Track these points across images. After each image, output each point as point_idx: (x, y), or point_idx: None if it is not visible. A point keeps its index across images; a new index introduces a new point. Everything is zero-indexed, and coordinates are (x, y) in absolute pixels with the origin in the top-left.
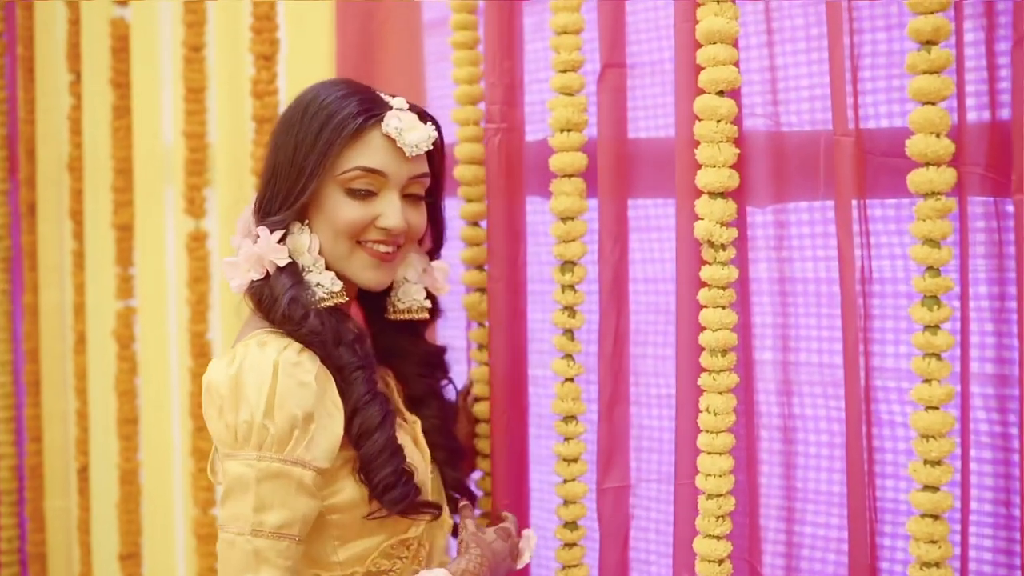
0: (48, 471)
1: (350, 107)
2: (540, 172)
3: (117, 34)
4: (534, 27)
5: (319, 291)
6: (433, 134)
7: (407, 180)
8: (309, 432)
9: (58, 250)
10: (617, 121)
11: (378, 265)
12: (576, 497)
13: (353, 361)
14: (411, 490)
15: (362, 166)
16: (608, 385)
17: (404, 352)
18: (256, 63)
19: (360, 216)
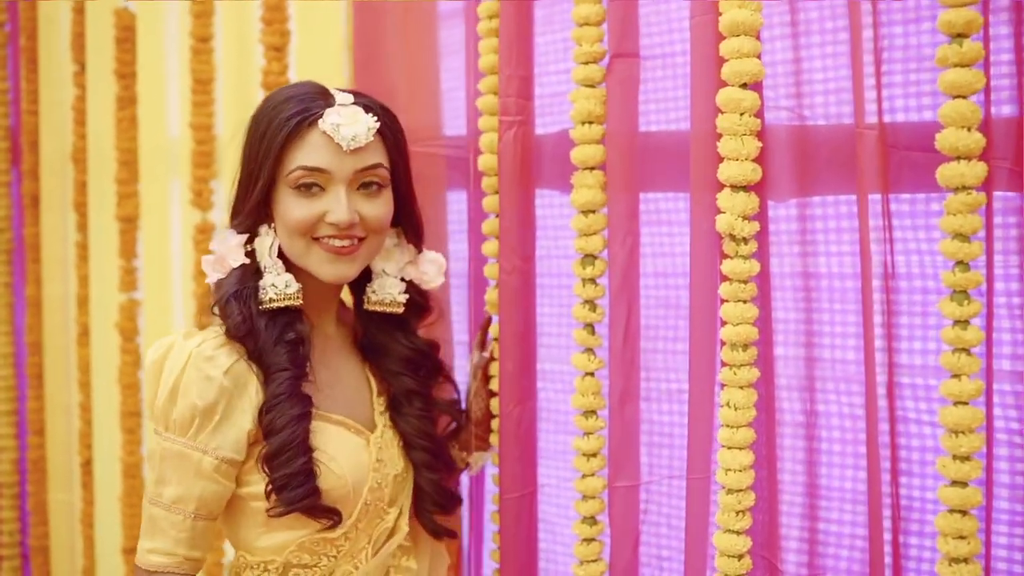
0: (51, 464)
1: (289, 109)
2: (550, 165)
3: (122, 24)
4: (543, 20)
5: (270, 292)
6: (373, 125)
7: (353, 173)
8: (212, 422)
9: (62, 242)
10: (628, 113)
11: (335, 260)
12: (595, 492)
13: (278, 363)
14: (306, 493)
15: (303, 165)
16: (619, 381)
17: (384, 349)
18: (266, 54)
19: (307, 213)
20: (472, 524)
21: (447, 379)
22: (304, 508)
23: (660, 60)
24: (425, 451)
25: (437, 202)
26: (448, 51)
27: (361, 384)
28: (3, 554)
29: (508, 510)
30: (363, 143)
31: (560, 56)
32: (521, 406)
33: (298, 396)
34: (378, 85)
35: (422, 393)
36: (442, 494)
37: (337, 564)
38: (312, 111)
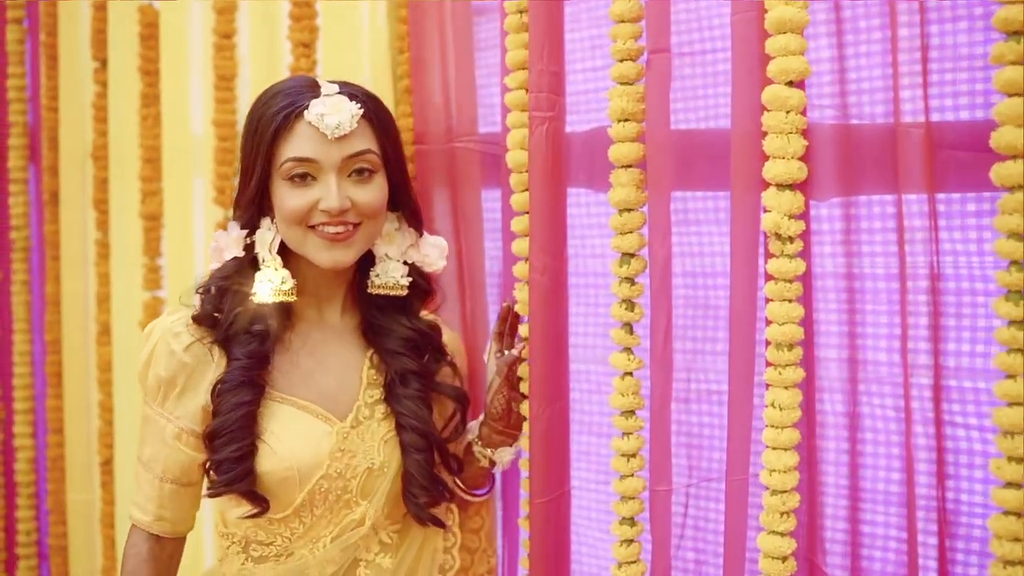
0: (69, 464)
1: (277, 104)
2: (579, 163)
3: (146, 21)
4: (571, 17)
5: (267, 287)
6: (356, 112)
7: (342, 161)
8: (173, 392)
9: (81, 240)
10: (663, 110)
11: (331, 246)
12: (634, 493)
13: (237, 351)
14: (234, 477)
15: (292, 157)
16: (659, 383)
17: (386, 330)
18: (295, 51)
19: (300, 203)
20: (505, 529)
21: (449, 364)
22: (233, 492)
23: (690, 57)
24: (415, 432)
25: (472, 199)
26: (482, 47)
27: (350, 375)
28: (20, 553)
29: (538, 514)
30: (347, 130)
31: (587, 54)
32: (551, 407)
33: (247, 385)
34: (427, 82)
35: (421, 375)
36: (428, 478)
37: (293, 546)
38: (298, 103)
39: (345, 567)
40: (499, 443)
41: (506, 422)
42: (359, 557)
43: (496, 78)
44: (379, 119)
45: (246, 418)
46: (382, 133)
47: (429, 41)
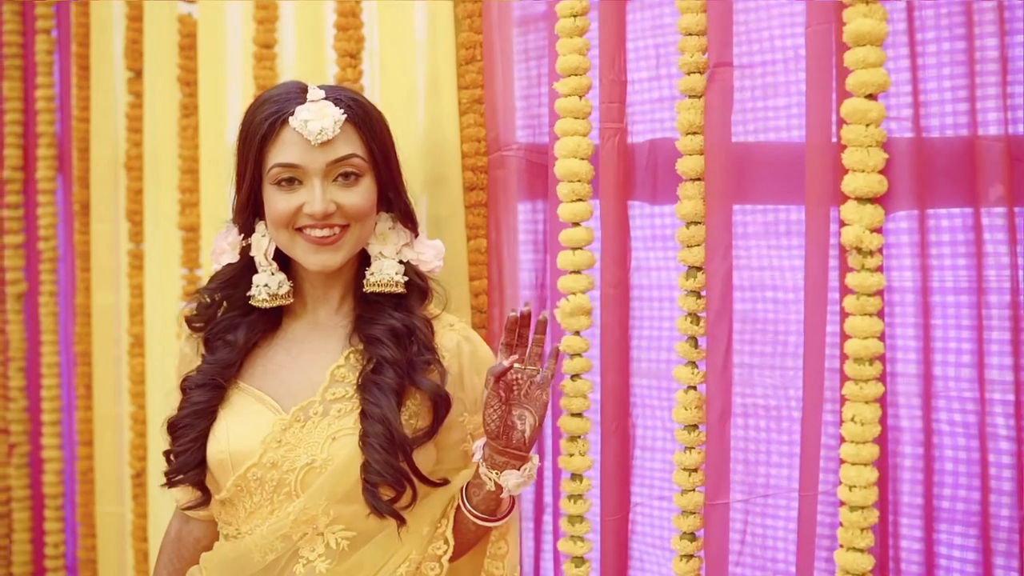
0: (99, 476)
1: (264, 111)
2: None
3: (185, 31)
4: None
5: (262, 291)
6: (340, 118)
7: (326, 166)
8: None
9: (112, 251)
10: (725, 123)
11: (318, 249)
12: (696, 507)
13: (209, 355)
14: (175, 468)
15: (278, 163)
16: (719, 398)
17: (373, 321)
18: (340, 61)
19: (286, 206)
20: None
21: (435, 361)
22: (182, 483)
23: (749, 69)
24: (375, 419)
25: (510, 209)
26: (522, 57)
27: (317, 372)
28: (48, 566)
29: (609, 531)
30: (330, 136)
31: (636, 65)
32: (620, 424)
33: (207, 387)
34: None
35: (397, 365)
36: (384, 466)
37: (240, 528)
38: (284, 110)
39: (286, 558)
40: (503, 465)
41: (505, 441)
42: (301, 553)
43: (535, 89)
44: (366, 123)
45: (197, 416)
46: (369, 137)
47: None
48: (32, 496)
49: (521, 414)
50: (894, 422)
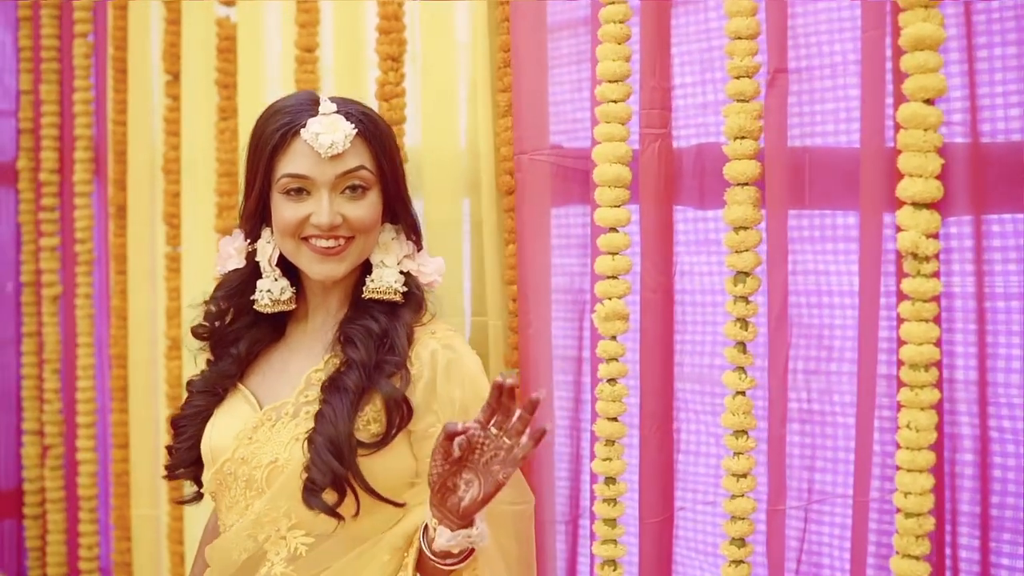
0: (134, 479)
1: (276, 122)
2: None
3: (224, 34)
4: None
5: (265, 296)
6: (350, 132)
7: (335, 178)
8: None
9: (148, 254)
10: (782, 129)
11: (323, 259)
12: (745, 513)
13: (216, 363)
14: (176, 464)
15: (287, 173)
16: (777, 403)
17: (353, 323)
18: (382, 64)
19: (293, 216)
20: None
21: (402, 367)
22: (177, 477)
23: (807, 73)
24: (327, 421)
25: (542, 213)
26: (559, 62)
27: (299, 375)
28: (82, 568)
29: (648, 534)
30: (340, 150)
31: (681, 70)
32: (661, 428)
33: (206, 393)
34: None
35: (364, 368)
36: (321, 462)
37: (225, 523)
38: (296, 122)
39: (256, 558)
40: (439, 518)
41: (439, 499)
42: (268, 556)
43: (570, 95)
44: (375, 137)
45: (196, 417)
46: (378, 151)
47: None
48: (66, 498)
49: (469, 480)
50: (950, 429)
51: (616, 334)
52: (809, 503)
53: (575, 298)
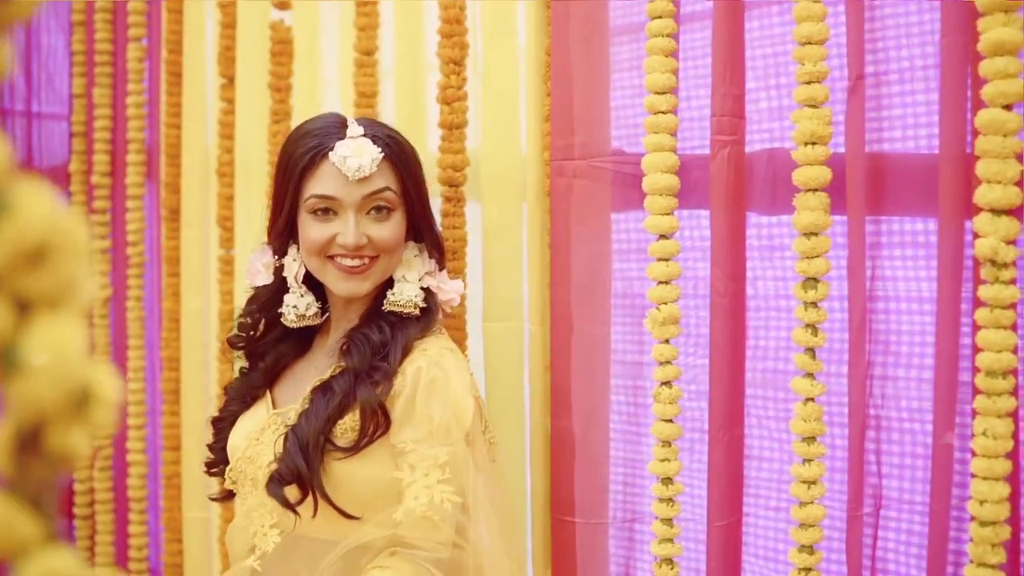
0: (186, 481)
1: (305, 144)
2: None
3: (278, 38)
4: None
5: (292, 312)
6: (377, 156)
7: (361, 199)
8: None
9: (201, 257)
10: (860, 135)
11: (347, 277)
12: (815, 520)
13: (250, 372)
14: (211, 463)
15: (315, 194)
16: (858, 410)
17: (358, 331)
18: (444, 68)
19: (319, 236)
20: None
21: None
22: (210, 474)
23: (885, 76)
24: (303, 420)
25: (602, 218)
26: (620, 67)
27: (311, 383)
28: (132, 568)
29: (715, 537)
30: (367, 173)
31: (749, 75)
32: (730, 432)
33: (238, 401)
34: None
35: (354, 374)
36: (288, 461)
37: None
38: (324, 145)
39: (248, 551)
40: None
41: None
42: (255, 550)
43: (630, 100)
44: (400, 160)
45: (228, 420)
46: (403, 173)
47: (570, 55)
48: (116, 499)
49: None
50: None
51: (669, 338)
52: (877, 509)
53: (633, 303)
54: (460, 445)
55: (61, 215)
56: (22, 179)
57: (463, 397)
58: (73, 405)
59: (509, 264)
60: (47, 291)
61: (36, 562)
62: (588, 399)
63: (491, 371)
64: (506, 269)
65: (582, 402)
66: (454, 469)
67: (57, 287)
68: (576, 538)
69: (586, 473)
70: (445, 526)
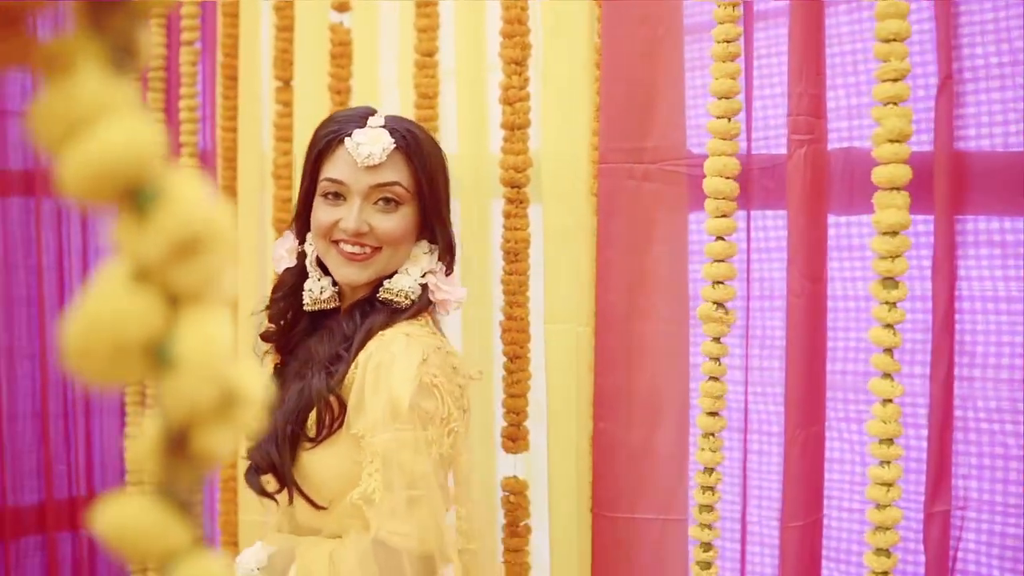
0: (242, 485)
1: (327, 128)
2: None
3: (338, 40)
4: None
5: (307, 296)
6: (388, 147)
7: (369, 188)
8: None
9: (258, 259)
10: (948, 134)
11: (347, 263)
12: (892, 523)
13: (284, 362)
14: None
15: (326, 177)
16: (939, 408)
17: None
18: (506, 68)
19: (326, 218)
20: None
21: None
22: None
23: (970, 72)
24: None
25: (678, 222)
26: (692, 66)
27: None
28: None
29: (790, 538)
30: (377, 161)
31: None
32: (806, 431)
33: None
34: (622, 98)
35: (318, 364)
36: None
37: None
38: (343, 131)
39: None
40: None
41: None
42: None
43: (704, 99)
44: (416, 155)
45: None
46: (418, 169)
47: (633, 55)
48: None
49: None
50: None
51: (719, 336)
52: (954, 510)
53: (692, 304)
54: (399, 432)
55: (213, 205)
56: (175, 168)
57: (403, 382)
58: (222, 404)
59: (571, 266)
60: (196, 284)
61: (185, 569)
62: (661, 400)
63: (552, 372)
64: (568, 271)
65: (651, 403)
66: (385, 459)
67: (206, 280)
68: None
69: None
70: (374, 516)
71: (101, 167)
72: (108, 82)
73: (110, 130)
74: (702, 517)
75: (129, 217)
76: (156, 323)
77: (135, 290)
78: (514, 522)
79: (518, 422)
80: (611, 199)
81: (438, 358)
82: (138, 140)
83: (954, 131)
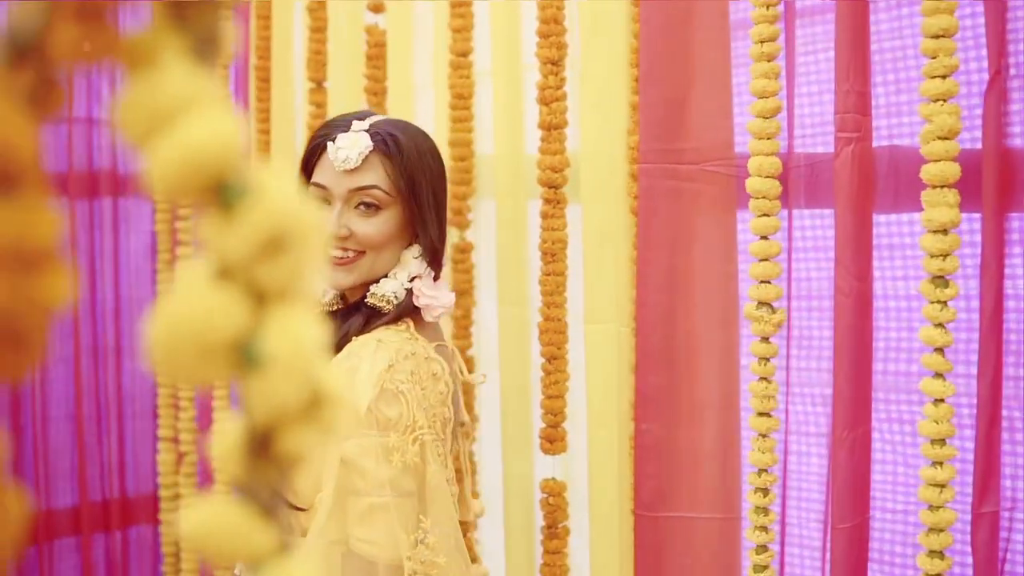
0: None
1: (317, 134)
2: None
3: (373, 41)
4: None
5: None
6: (364, 150)
7: (348, 192)
8: None
9: None
10: (999, 131)
11: (332, 268)
12: (946, 524)
13: None
14: None
15: (312, 182)
16: (987, 407)
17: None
18: (542, 68)
19: None
20: None
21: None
22: None
23: (1014, 70)
24: None
25: (726, 223)
26: (737, 64)
27: None
28: (217, 575)
29: (839, 539)
30: (353, 165)
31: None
32: (853, 432)
33: None
34: (660, 98)
35: None
36: None
37: None
38: (329, 136)
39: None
40: None
41: None
42: None
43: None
44: (397, 158)
45: None
46: (400, 172)
47: (674, 54)
48: None
49: None
50: None
51: (768, 336)
52: (1002, 511)
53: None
54: (361, 437)
55: (301, 203)
56: (263, 164)
57: (364, 388)
58: (308, 404)
59: (611, 266)
60: (283, 282)
61: (270, 573)
62: (706, 400)
63: (593, 373)
64: (608, 271)
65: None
66: (347, 464)
67: (293, 278)
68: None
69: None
70: (324, 522)
71: (187, 162)
72: (192, 75)
73: (196, 124)
74: (757, 519)
75: (216, 213)
76: (243, 322)
77: (221, 288)
78: (553, 524)
79: (556, 423)
80: (651, 199)
81: (409, 364)
82: (224, 134)
83: (1003, 128)
